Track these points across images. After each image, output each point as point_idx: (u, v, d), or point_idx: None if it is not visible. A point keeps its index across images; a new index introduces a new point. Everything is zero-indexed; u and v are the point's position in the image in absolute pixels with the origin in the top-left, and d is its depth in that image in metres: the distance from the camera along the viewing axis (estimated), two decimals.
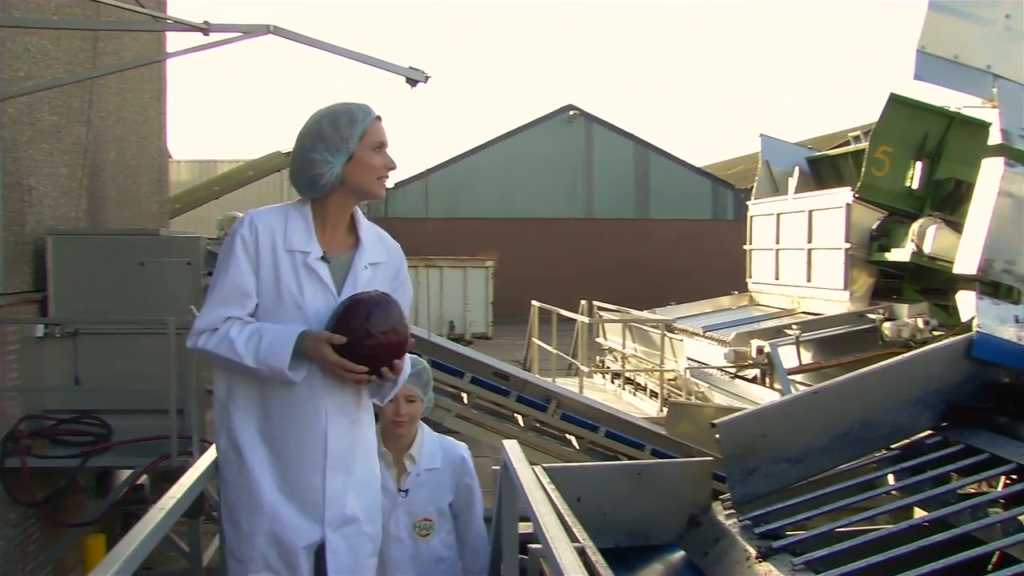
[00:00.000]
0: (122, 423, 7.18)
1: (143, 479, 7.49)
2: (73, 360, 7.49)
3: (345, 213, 3.00)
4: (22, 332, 7.18)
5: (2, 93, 6.77)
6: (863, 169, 10.37)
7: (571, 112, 35.18)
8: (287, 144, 20.91)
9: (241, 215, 3.07)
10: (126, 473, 7.47)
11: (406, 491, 3.68)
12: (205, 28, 6.44)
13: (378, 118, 2.97)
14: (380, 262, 3.04)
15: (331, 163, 2.87)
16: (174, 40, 9.83)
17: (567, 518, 2.47)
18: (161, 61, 11.01)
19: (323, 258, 2.92)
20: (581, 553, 2.21)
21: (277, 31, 6.43)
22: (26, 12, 7.44)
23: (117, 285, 7.40)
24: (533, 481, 2.76)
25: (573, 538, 2.34)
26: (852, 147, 12.62)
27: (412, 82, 6.75)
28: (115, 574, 1.91)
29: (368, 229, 3.05)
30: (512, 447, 3.30)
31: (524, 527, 3.23)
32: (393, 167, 3.00)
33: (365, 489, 3.03)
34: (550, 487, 2.83)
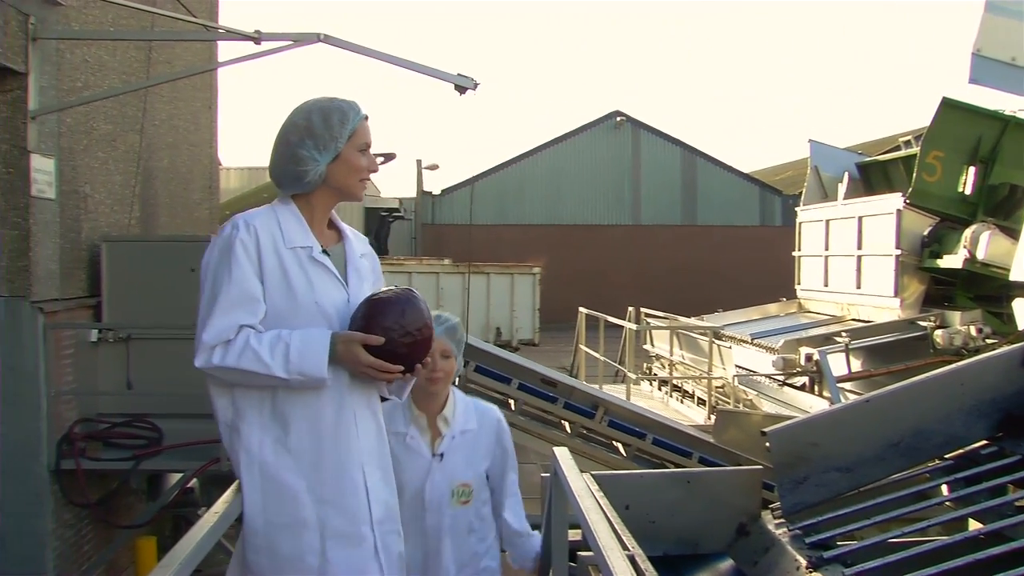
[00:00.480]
0: (172, 427, 7.26)
1: (193, 483, 7.58)
2: (125, 364, 7.59)
3: (328, 210, 2.94)
4: (77, 337, 7.30)
5: (61, 103, 6.91)
6: (914, 174, 10.27)
7: (618, 118, 35.16)
8: None
9: None
10: (176, 476, 7.56)
11: (441, 455, 3.55)
12: (256, 37, 6.50)
13: (366, 118, 2.89)
14: (366, 253, 3.03)
15: (318, 161, 2.79)
16: (225, 49, 9.97)
17: (616, 526, 2.47)
18: (213, 70, 11.15)
19: (324, 251, 2.86)
20: (631, 561, 2.20)
21: (327, 39, 6.47)
22: (84, 24, 7.58)
23: (168, 291, 7.45)
24: (584, 489, 2.75)
25: (623, 546, 2.33)
26: (903, 152, 12.51)
27: (461, 89, 6.76)
28: (173, 574, 1.95)
29: (343, 224, 3.02)
30: (563, 454, 3.29)
31: (570, 535, 3.24)
32: (375, 170, 2.92)
33: (391, 485, 2.96)
34: (599, 494, 2.82)
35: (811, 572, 2.97)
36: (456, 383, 3.73)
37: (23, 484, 6.60)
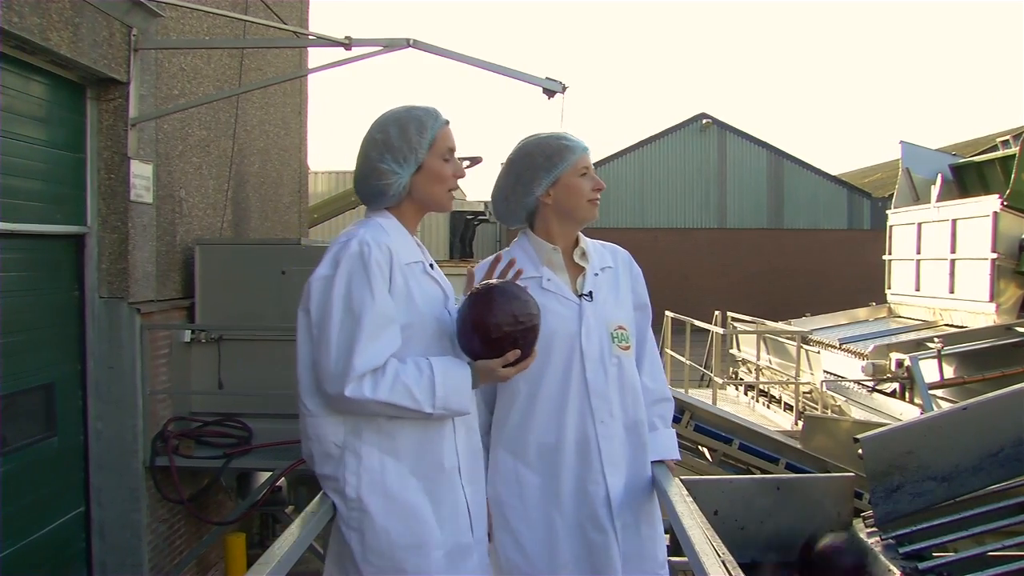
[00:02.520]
0: (262, 427, 7.40)
1: (281, 481, 7.72)
2: (217, 364, 7.75)
3: (416, 223, 2.81)
4: (171, 337, 7.49)
5: (159, 111, 7.10)
6: (1013, 175, 10.00)
7: (704, 120, 34.79)
8: None
9: None
10: (265, 475, 7.70)
11: (590, 293, 3.03)
12: (347, 43, 6.60)
13: (447, 123, 2.77)
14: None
15: (399, 173, 2.68)
16: (315, 55, 10.14)
17: (706, 532, 2.45)
18: (304, 76, 11.35)
19: (431, 265, 2.80)
20: (724, 567, 2.18)
21: (416, 44, 6.53)
22: (181, 34, 7.80)
23: (259, 293, 7.61)
24: (678, 494, 2.72)
25: (715, 552, 2.31)
26: (1000, 152, 12.17)
27: (549, 93, 6.77)
28: (271, 572, 1.99)
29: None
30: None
31: None
32: (462, 175, 2.79)
33: (484, 496, 2.87)
34: (688, 499, 2.80)
35: None
36: None
37: (121, 479, 6.80)
